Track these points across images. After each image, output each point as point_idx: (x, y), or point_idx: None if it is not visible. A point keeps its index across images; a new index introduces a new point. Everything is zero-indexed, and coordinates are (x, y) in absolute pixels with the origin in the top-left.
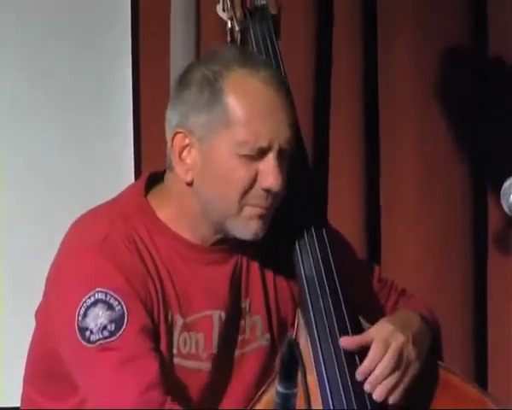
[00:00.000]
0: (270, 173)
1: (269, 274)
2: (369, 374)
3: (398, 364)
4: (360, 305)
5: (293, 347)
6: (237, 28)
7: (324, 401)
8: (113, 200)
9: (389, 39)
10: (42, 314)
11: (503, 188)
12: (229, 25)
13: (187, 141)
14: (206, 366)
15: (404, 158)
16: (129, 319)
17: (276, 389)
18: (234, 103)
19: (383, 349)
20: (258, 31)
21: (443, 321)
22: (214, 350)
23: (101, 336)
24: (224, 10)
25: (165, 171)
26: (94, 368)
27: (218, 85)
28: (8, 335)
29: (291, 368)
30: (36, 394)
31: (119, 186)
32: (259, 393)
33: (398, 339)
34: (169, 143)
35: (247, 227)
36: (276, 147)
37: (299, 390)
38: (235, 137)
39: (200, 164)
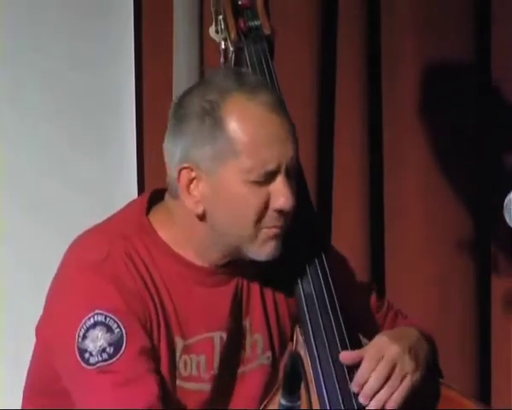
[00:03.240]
0: (280, 194)
1: (268, 293)
2: (363, 384)
3: (392, 375)
4: (358, 323)
5: (297, 360)
6: (231, 49)
7: None
8: (114, 217)
9: (393, 52)
10: (42, 330)
11: (506, 201)
12: (223, 46)
13: (193, 174)
14: (207, 387)
15: (408, 170)
16: (128, 341)
17: (279, 402)
18: (236, 131)
19: (375, 361)
20: (253, 51)
21: (447, 338)
22: (216, 371)
23: (100, 358)
24: (217, 32)
25: (166, 189)
26: (93, 390)
27: (218, 115)
28: (7, 345)
29: (294, 382)
30: (35, 406)
31: (122, 198)
32: (261, 408)
33: (392, 350)
34: (172, 175)
35: (263, 249)
36: (283, 168)
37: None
38: (242, 165)
39: (210, 195)
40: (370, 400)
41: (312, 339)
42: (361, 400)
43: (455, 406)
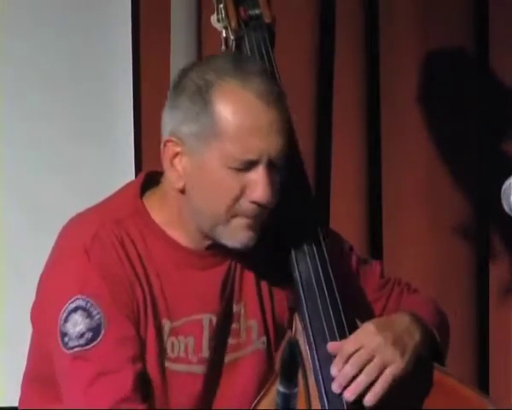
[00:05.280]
0: (258, 186)
1: (263, 277)
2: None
3: (370, 365)
4: (359, 304)
5: (294, 347)
6: (232, 37)
7: (322, 405)
8: (107, 200)
9: (391, 48)
10: (35, 316)
11: (504, 187)
12: (224, 34)
13: (178, 149)
14: (196, 369)
15: (406, 162)
16: (107, 328)
17: (276, 389)
18: (223, 116)
19: (353, 348)
20: (253, 40)
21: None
22: (205, 354)
23: (77, 343)
24: (218, 21)
25: (163, 172)
26: (69, 377)
27: (209, 96)
28: (8, 334)
29: (292, 368)
30: (33, 395)
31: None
32: (258, 397)
33: (373, 340)
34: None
35: (235, 237)
36: (265, 159)
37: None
38: (223, 149)
39: (190, 173)
40: (345, 388)
41: (310, 327)
42: (334, 387)
43: (452, 393)
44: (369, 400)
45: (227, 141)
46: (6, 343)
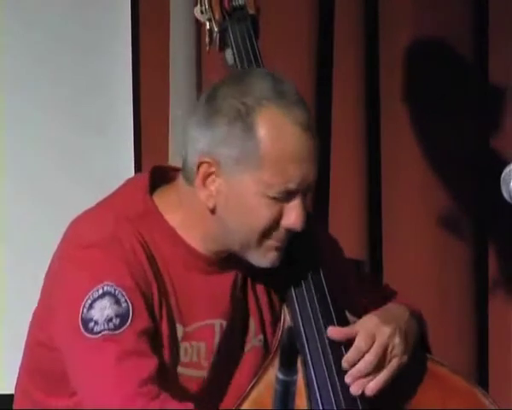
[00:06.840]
0: (293, 214)
1: (260, 275)
2: (354, 365)
3: (381, 359)
4: (347, 295)
5: (293, 334)
6: (216, 29)
7: (312, 396)
8: (115, 196)
9: (391, 43)
10: (40, 312)
11: (503, 174)
12: (208, 26)
13: (212, 169)
14: (206, 374)
15: (405, 155)
16: (133, 317)
17: (276, 376)
18: (266, 143)
19: (368, 343)
20: (238, 32)
21: (445, 327)
22: (215, 358)
23: (105, 327)
24: (202, 12)
25: (170, 168)
26: (94, 357)
27: (251, 121)
28: (7, 322)
29: (291, 356)
30: (31, 386)
31: (118, 180)
32: (252, 384)
33: (384, 333)
34: (189, 160)
35: (264, 258)
36: (303, 189)
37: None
38: (263, 177)
39: (225, 195)
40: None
41: (299, 317)
42: (347, 380)
43: (443, 382)
44: (371, 389)
45: (268, 169)
46: (5, 332)
